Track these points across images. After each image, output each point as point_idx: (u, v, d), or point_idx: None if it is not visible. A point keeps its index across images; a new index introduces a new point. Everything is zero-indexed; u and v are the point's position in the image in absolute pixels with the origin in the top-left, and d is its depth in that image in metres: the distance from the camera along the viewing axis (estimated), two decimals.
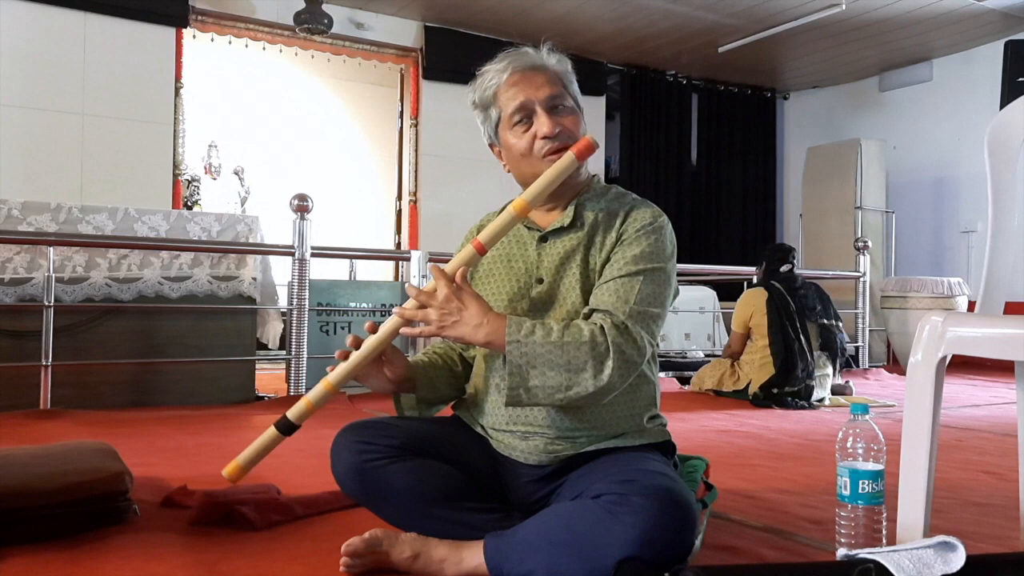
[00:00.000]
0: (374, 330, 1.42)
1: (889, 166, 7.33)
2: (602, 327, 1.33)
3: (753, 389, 4.01)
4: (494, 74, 1.50)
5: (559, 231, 1.48)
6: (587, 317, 1.39)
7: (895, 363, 6.47)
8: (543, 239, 1.49)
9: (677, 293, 1.53)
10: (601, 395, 1.34)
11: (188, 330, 3.64)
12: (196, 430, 2.99)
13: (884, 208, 7.24)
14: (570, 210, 1.48)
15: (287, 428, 1.43)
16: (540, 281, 1.47)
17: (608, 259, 1.43)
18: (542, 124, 1.45)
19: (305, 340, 3.88)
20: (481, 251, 1.39)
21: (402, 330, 1.39)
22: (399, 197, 6.92)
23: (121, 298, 3.54)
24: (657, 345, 1.55)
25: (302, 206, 3.86)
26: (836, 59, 7.41)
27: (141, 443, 2.64)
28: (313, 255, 3.92)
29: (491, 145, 1.57)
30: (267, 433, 1.44)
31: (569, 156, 1.40)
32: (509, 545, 1.31)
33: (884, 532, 1.33)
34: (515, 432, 1.46)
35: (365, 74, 7.64)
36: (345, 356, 1.42)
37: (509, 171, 1.56)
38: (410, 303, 1.38)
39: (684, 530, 1.23)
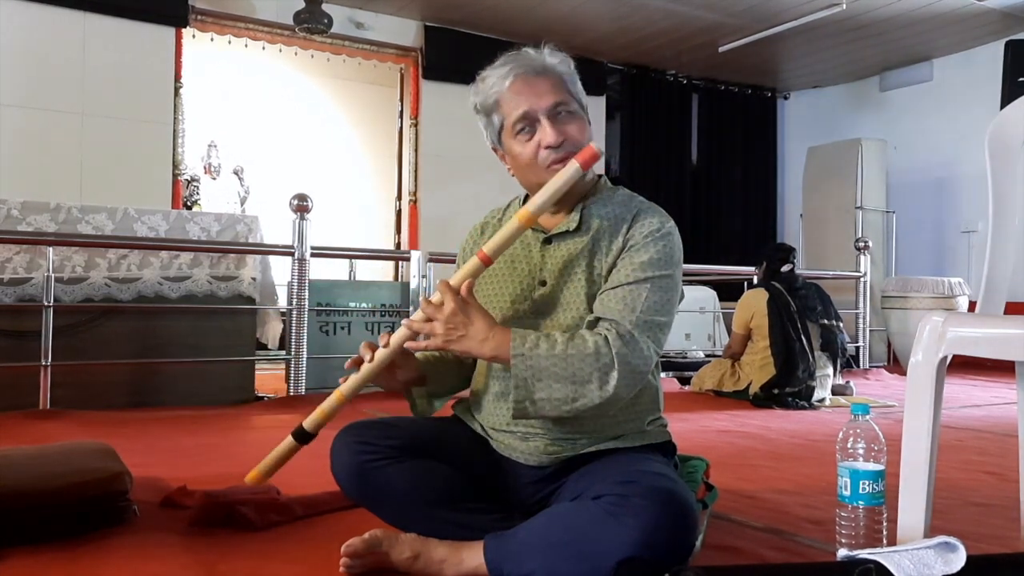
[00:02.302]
0: (387, 343, 1.45)
1: (889, 166, 7.33)
2: (606, 338, 1.33)
3: (754, 389, 4.01)
4: (496, 80, 1.46)
5: (564, 235, 1.47)
6: (592, 325, 1.38)
7: (895, 363, 6.46)
8: (547, 241, 1.48)
9: (682, 297, 1.52)
10: (607, 406, 1.35)
11: (188, 330, 3.64)
12: (196, 430, 2.99)
13: (884, 208, 7.24)
14: (576, 214, 1.47)
15: (302, 437, 1.51)
16: (543, 283, 1.46)
17: (614, 264, 1.42)
18: (546, 134, 1.42)
19: (305, 340, 3.88)
20: (487, 262, 1.40)
21: (407, 344, 1.41)
22: (399, 197, 6.92)
23: (121, 298, 3.53)
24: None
25: (302, 206, 3.86)
26: (836, 59, 7.41)
27: (141, 443, 2.63)
28: (313, 255, 3.92)
29: (494, 149, 1.55)
30: (284, 442, 1.51)
31: (573, 166, 1.38)
32: (509, 546, 1.31)
33: (884, 532, 1.33)
34: (515, 433, 1.46)
35: (365, 74, 7.64)
36: (357, 364, 1.46)
37: (514, 175, 1.54)
38: (418, 315, 1.40)
39: (685, 531, 1.23)
